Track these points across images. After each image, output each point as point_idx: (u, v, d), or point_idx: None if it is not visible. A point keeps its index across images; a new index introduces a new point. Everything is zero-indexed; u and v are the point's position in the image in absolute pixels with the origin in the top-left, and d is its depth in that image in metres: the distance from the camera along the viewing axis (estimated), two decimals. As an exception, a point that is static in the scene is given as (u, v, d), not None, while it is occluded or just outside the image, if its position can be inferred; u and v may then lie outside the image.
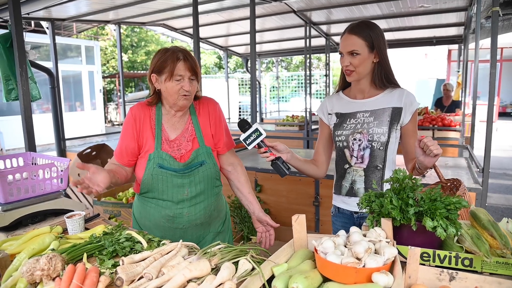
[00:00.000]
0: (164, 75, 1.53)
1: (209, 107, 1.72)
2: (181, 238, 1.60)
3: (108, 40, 17.84)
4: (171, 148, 1.61)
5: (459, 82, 6.40)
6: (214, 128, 1.71)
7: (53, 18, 4.76)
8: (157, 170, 1.57)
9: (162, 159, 1.58)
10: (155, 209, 1.63)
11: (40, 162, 1.98)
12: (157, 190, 1.60)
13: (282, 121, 7.72)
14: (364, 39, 1.56)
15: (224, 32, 7.12)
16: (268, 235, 1.74)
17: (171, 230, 1.64)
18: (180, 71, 1.51)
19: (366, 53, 1.57)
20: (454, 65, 14.84)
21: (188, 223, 1.65)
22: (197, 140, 1.65)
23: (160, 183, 1.58)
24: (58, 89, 4.44)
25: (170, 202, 1.61)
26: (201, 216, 1.67)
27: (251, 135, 1.50)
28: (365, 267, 0.99)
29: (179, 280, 0.97)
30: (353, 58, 1.58)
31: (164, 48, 1.57)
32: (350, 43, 1.57)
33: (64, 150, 4.71)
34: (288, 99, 17.96)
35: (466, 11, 4.92)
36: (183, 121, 1.67)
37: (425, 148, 1.37)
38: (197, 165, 1.62)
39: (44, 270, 1.08)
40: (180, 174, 1.59)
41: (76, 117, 11.71)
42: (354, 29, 1.58)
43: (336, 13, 5.53)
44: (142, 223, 1.70)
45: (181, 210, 1.62)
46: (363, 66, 1.59)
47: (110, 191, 3.55)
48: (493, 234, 1.11)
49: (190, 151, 1.63)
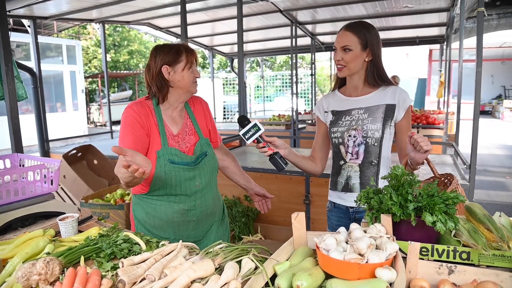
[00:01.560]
0: (180, 65, 1.60)
1: (202, 103, 1.83)
2: (194, 230, 1.70)
3: (89, 40, 17.50)
4: (177, 143, 1.66)
5: (442, 81, 6.55)
6: (210, 124, 1.82)
7: (35, 16, 4.64)
8: (169, 166, 1.59)
9: (171, 154, 1.61)
10: (166, 206, 1.64)
11: (28, 164, 1.93)
12: (170, 186, 1.62)
13: (268, 120, 7.74)
14: (358, 37, 1.61)
15: (209, 32, 7.08)
16: (265, 202, 1.98)
17: (184, 224, 1.68)
18: (193, 60, 1.64)
19: (359, 50, 1.62)
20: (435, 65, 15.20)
21: (201, 214, 1.71)
22: (197, 132, 1.74)
23: (173, 178, 1.61)
24: (41, 89, 4.33)
25: (183, 196, 1.65)
26: (210, 205, 1.75)
27: (250, 129, 1.55)
28: (368, 263, 1.00)
29: (183, 280, 0.96)
30: (345, 53, 1.63)
31: (166, 44, 1.65)
32: (343, 39, 1.63)
33: (48, 151, 4.60)
34: (272, 98, 18.02)
35: (448, 12, 5.03)
36: (182, 115, 1.72)
37: (415, 144, 1.40)
38: (202, 156, 1.70)
39: (41, 275, 1.05)
40: (191, 167, 1.65)
41: (58, 118, 11.42)
42: (350, 26, 1.64)
43: (322, 13, 5.58)
44: (150, 223, 1.68)
45: (194, 202, 1.67)
46: (354, 63, 1.64)
47: (97, 193, 3.48)
48: (490, 227, 1.13)
49: (194, 143, 1.70)
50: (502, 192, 5.71)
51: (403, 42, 7.54)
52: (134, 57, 19.90)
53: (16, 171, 1.58)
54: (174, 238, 1.66)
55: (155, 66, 1.59)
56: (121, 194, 3.47)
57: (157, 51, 1.61)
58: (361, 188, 1.70)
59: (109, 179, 4.15)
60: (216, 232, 1.80)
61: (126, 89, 19.47)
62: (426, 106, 14.58)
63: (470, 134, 2.61)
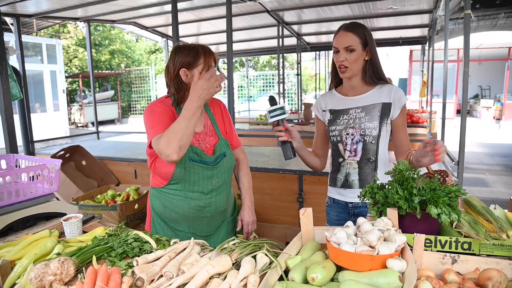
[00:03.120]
0: (198, 68, 1.61)
1: (220, 105, 1.86)
2: (207, 225, 1.75)
3: (70, 39, 17.10)
4: (198, 142, 1.69)
5: (425, 81, 6.73)
6: (229, 126, 1.85)
7: (19, 14, 4.52)
8: (189, 163, 1.63)
9: (192, 152, 1.64)
10: (183, 201, 1.68)
11: (24, 164, 1.90)
12: (189, 182, 1.66)
13: (255, 120, 7.77)
14: (359, 36, 1.66)
15: (195, 31, 7.05)
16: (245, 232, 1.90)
17: (198, 220, 1.73)
18: (212, 62, 1.64)
19: (360, 50, 1.67)
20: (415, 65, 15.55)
21: (215, 211, 1.75)
22: (217, 134, 1.76)
23: (193, 175, 1.65)
24: (26, 89, 4.23)
25: (200, 193, 1.69)
26: (224, 204, 1.80)
27: (277, 110, 1.60)
28: (379, 254, 1.05)
29: (203, 276, 0.98)
30: (349, 54, 1.66)
31: (186, 45, 1.65)
32: (346, 40, 1.66)
33: (33, 153, 4.49)
34: (256, 98, 18.06)
35: (431, 13, 5.18)
36: (202, 116, 1.75)
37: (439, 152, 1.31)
38: (221, 157, 1.74)
39: (56, 275, 1.05)
40: (210, 166, 1.68)
41: (38, 119, 11.10)
42: (349, 27, 1.68)
43: (308, 13, 5.65)
44: (166, 216, 1.73)
45: (209, 200, 1.71)
46: (357, 63, 1.68)
47: (87, 194, 3.43)
48: (489, 218, 1.20)
49: (214, 144, 1.73)
50: (482, 188, 5.93)
51: (387, 43, 7.72)
52: (115, 57, 19.57)
53: (18, 171, 1.55)
54: (188, 231, 1.74)
55: (173, 68, 1.61)
56: (112, 195, 3.44)
57: (176, 53, 1.62)
58: (360, 184, 1.75)
59: (98, 180, 4.10)
60: (226, 228, 1.84)
61: (108, 89, 19.11)
62: (408, 105, 14.91)
63: (451, 132, 2.71)
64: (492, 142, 10.29)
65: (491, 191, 5.77)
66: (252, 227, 1.90)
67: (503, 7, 5.57)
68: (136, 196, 3.37)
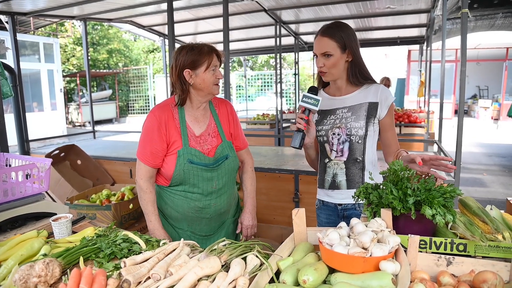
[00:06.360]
0: (201, 68, 1.61)
1: (227, 107, 1.85)
2: (206, 226, 1.77)
3: (67, 37, 17.03)
4: (198, 144, 1.69)
5: (423, 81, 6.72)
6: (234, 127, 1.84)
7: (14, 12, 4.49)
8: (188, 165, 1.64)
9: (191, 154, 1.65)
10: (183, 201, 1.71)
11: (14, 164, 1.87)
12: (189, 184, 1.68)
13: (253, 119, 7.75)
14: (336, 40, 1.62)
15: (192, 30, 7.02)
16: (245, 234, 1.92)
17: (197, 220, 1.75)
18: (215, 62, 1.65)
19: (339, 53, 1.63)
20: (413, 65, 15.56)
21: (215, 213, 1.76)
22: (220, 135, 1.76)
23: (192, 177, 1.67)
24: (21, 88, 4.19)
25: (199, 195, 1.70)
26: (225, 205, 1.80)
27: (312, 98, 1.55)
28: (372, 256, 1.02)
29: (191, 278, 0.95)
30: (326, 59, 1.64)
31: (189, 44, 1.64)
32: (322, 45, 1.63)
33: (28, 152, 4.46)
34: (254, 98, 18.04)
35: (428, 13, 5.16)
36: (206, 117, 1.75)
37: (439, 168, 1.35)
38: (223, 159, 1.73)
39: (41, 277, 1.02)
40: (210, 168, 1.69)
41: (35, 118, 11.05)
42: (325, 31, 1.64)
43: (306, 13, 5.63)
44: (167, 213, 1.77)
45: (209, 202, 1.73)
46: (337, 67, 1.66)
47: (82, 194, 3.40)
48: (485, 220, 1.18)
49: (216, 146, 1.73)
50: (480, 188, 5.91)
51: (385, 43, 7.70)
52: (113, 56, 19.50)
53: (6, 170, 1.52)
54: (187, 229, 1.76)
55: (176, 67, 1.61)
56: (107, 194, 3.41)
57: (179, 53, 1.62)
58: (348, 185, 1.72)
59: (93, 179, 4.06)
60: (227, 229, 1.85)
61: (106, 88, 19.04)
62: (406, 105, 14.92)
63: (449, 132, 2.69)
64: (490, 142, 10.28)
65: (489, 191, 5.75)
66: (252, 231, 1.90)
67: (501, 7, 5.55)
68: (131, 196, 3.34)
